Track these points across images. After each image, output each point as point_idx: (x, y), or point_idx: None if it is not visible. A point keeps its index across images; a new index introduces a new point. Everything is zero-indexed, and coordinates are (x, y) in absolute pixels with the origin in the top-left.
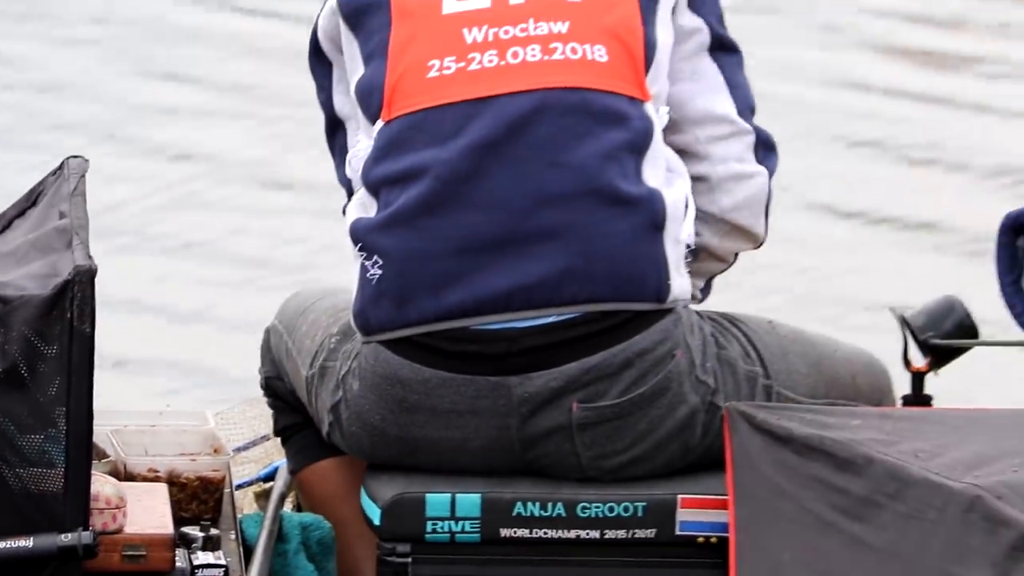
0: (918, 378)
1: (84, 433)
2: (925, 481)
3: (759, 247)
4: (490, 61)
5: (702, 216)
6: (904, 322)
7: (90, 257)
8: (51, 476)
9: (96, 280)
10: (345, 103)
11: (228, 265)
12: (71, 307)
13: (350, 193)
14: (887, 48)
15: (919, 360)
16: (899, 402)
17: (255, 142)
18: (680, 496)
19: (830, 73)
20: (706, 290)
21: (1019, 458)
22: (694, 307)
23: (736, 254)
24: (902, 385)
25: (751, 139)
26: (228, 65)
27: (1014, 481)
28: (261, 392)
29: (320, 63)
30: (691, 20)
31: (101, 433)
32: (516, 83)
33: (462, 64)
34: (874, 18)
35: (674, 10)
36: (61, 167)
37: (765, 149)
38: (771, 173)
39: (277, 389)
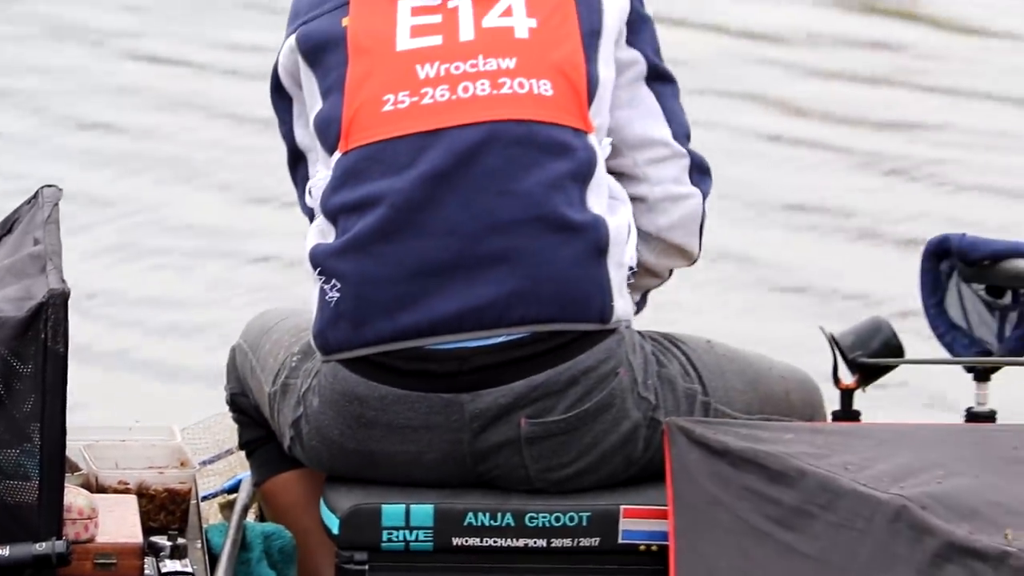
0: (847, 395)
1: (58, 447)
2: (854, 492)
3: (693, 264)
4: (442, 95)
5: (640, 235)
6: (833, 341)
7: (63, 281)
8: (26, 488)
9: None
10: (305, 136)
11: (126, 305)
12: (45, 328)
13: (311, 220)
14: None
15: (848, 378)
16: (830, 417)
17: (157, 185)
18: (623, 506)
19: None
20: (642, 303)
21: (943, 470)
22: (635, 327)
23: (671, 270)
24: (832, 402)
25: (686, 162)
26: (133, 110)
27: (938, 492)
28: (227, 408)
29: (281, 98)
30: (627, 53)
31: (74, 447)
32: (466, 116)
33: (415, 98)
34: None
35: (614, 46)
36: (36, 196)
37: (699, 172)
38: (705, 195)
39: (242, 405)
